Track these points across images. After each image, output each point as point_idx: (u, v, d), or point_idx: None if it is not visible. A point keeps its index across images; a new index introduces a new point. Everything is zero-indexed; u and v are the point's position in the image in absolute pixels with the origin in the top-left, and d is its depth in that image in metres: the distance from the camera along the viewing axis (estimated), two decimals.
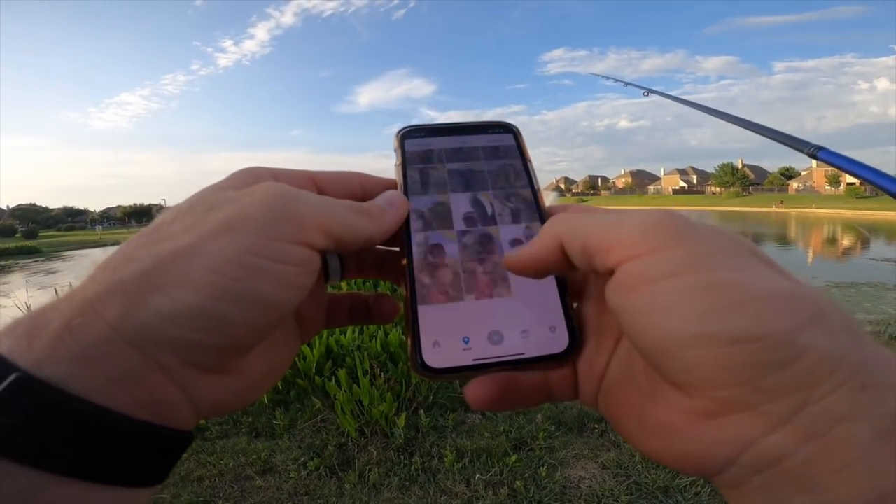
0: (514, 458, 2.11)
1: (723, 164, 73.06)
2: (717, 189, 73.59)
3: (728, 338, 0.16)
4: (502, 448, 2.20)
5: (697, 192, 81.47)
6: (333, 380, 2.49)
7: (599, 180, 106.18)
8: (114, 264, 0.19)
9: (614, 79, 1.87)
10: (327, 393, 2.48)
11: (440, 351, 0.24)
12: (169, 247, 0.19)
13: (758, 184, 71.27)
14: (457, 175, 0.28)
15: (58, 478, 0.16)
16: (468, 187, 0.28)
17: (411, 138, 0.29)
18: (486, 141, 0.30)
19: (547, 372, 0.25)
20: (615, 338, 0.24)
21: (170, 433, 0.19)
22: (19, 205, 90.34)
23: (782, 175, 68.58)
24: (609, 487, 1.94)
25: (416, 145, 0.29)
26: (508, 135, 0.30)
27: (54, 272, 14.59)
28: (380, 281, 0.32)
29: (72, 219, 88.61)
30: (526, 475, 2.03)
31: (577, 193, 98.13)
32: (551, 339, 0.24)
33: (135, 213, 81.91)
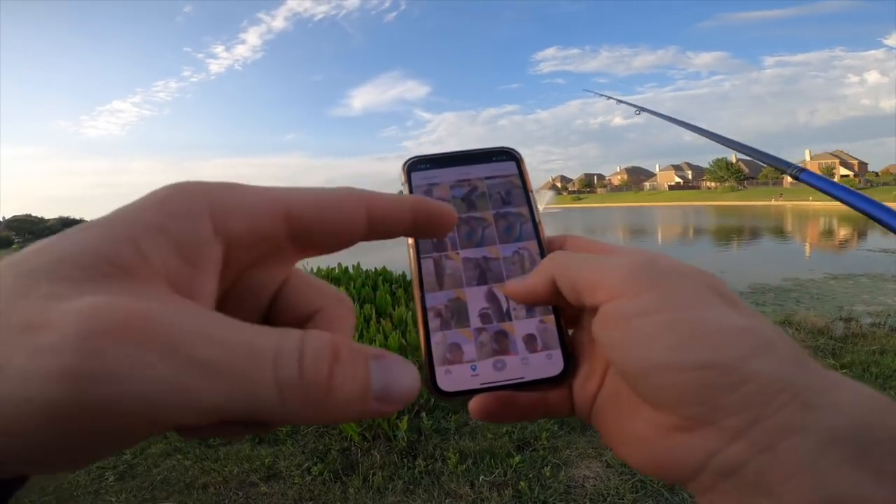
0: (518, 459, 2.11)
1: (717, 160, 73.27)
2: (712, 184, 73.83)
3: (688, 366, 0.19)
4: (506, 449, 2.20)
5: (693, 188, 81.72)
6: None
7: (595, 178, 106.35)
8: None
9: (608, 96, 1.92)
10: None
11: (451, 378, 0.27)
12: None
13: (752, 178, 71.45)
14: (464, 208, 0.30)
15: None
16: (475, 220, 0.30)
17: (417, 170, 0.30)
18: (490, 171, 0.31)
19: (545, 392, 0.28)
20: (605, 365, 0.26)
21: None
22: (15, 216, 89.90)
23: (777, 170, 68.59)
24: (614, 486, 1.95)
25: (423, 178, 0.30)
26: (511, 162, 0.32)
27: None
28: None
29: (68, 229, 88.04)
30: (530, 475, 2.03)
31: (573, 192, 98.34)
32: (548, 365, 0.27)
33: None
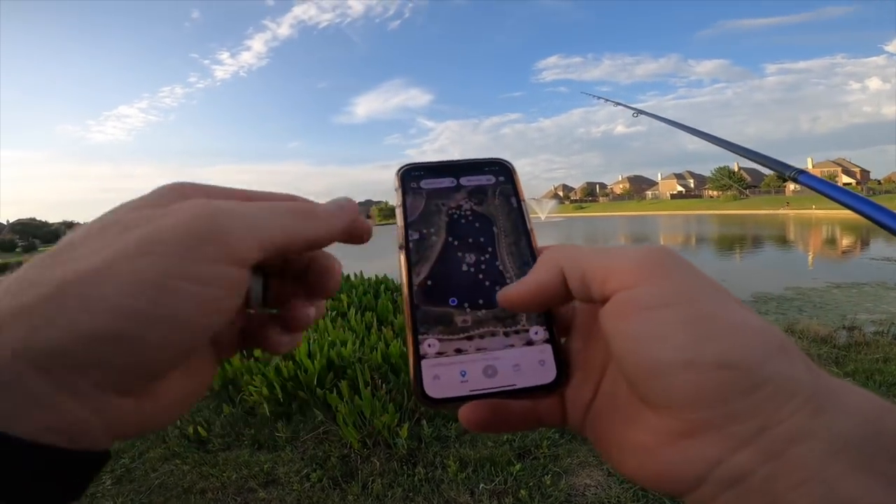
0: (519, 467, 2.10)
1: (719, 168, 73.29)
2: (715, 193, 73.80)
3: (711, 364, 0.18)
4: (506, 457, 2.19)
5: (695, 196, 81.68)
6: (335, 391, 2.48)
7: (597, 187, 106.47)
8: (12, 290, 0.18)
9: (605, 98, 1.97)
10: (329, 405, 2.47)
11: (440, 383, 0.26)
12: (76, 268, 0.18)
13: (755, 186, 71.45)
14: (455, 215, 0.30)
15: None
16: (466, 228, 0.30)
17: (410, 178, 0.31)
18: (483, 180, 0.32)
19: (536, 401, 0.27)
20: (601, 370, 0.25)
21: (83, 456, 0.19)
22: (19, 219, 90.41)
23: (779, 177, 68.57)
24: (615, 494, 1.93)
25: (416, 184, 0.31)
26: (504, 172, 0.32)
27: None
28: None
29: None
30: (531, 484, 2.02)
31: (576, 200, 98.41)
32: (540, 372, 0.27)
33: None
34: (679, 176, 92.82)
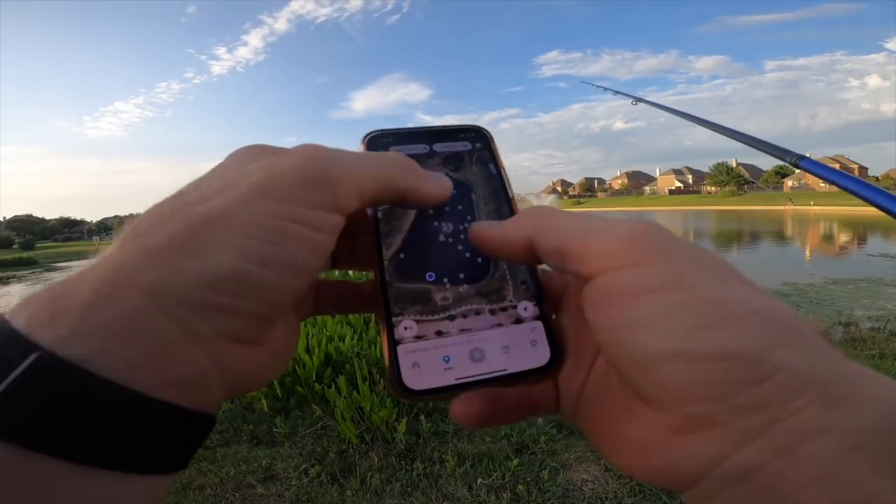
0: (516, 462, 2.11)
1: (718, 164, 73.42)
2: (713, 188, 73.87)
3: (708, 354, 0.16)
4: (504, 452, 2.20)
5: (693, 192, 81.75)
6: (333, 387, 2.48)
7: (596, 182, 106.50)
8: (142, 231, 0.18)
9: (604, 87, 1.92)
10: (327, 400, 2.47)
11: (420, 372, 0.23)
12: (201, 210, 0.19)
13: (753, 182, 71.53)
14: None
15: (76, 466, 0.15)
16: (443, 208, 0.27)
17: (378, 144, 0.28)
18: (459, 147, 0.28)
19: (530, 386, 0.24)
20: (593, 353, 0.23)
21: (195, 416, 0.18)
22: (15, 216, 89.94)
23: (777, 173, 68.85)
24: (612, 490, 1.94)
25: (384, 151, 0.27)
26: (480, 139, 0.29)
27: None
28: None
29: (68, 229, 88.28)
30: (528, 479, 2.02)
31: (574, 196, 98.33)
32: (533, 354, 0.24)
33: None
34: (677, 172, 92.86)
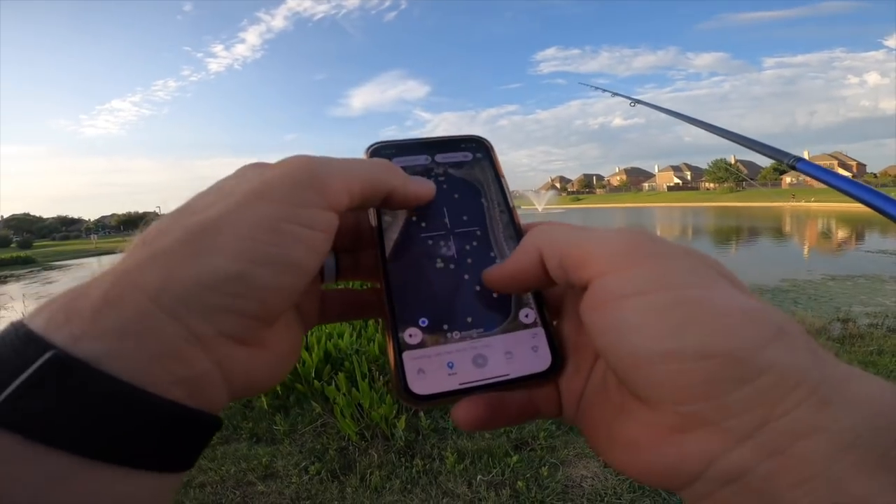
0: (516, 459, 2.11)
1: (716, 160, 73.38)
2: (711, 185, 73.93)
3: (693, 353, 0.16)
4: (503, 448, 2.20)
5: (692, 189, 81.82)
6: (333, 384, 2.48)
7: (594, 179, 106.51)
8: (148, 239, 0.20)
9: (602, 88, 1.92)
10: (327, 397, 2.47)
11: (425, 378, 0.24)
12: (200, 218, 0.20)
13: (751, 179, 71.59)
14: (432, 203, 0.28)
15: (88, 461, 0.16)
16: (444, 207, 0.28)
17: (381, 156, 0.28)
18: (461, 157, 0.29)
19: (532, 390, 0.25)
20: (592, 357, 0.24)
21: (202, 416, 0.19)
22: (13, 215, 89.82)
23: (775, 170, 68.93)
24: (611, 486, 1.95)
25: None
26: (481, 150, 0.30)
27: (51, 282, 14.50)
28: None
29: (66, 228, 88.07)
30: (528, 475, 2.03)
31: (573, 192, 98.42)
32: (535, 359, 0.25)
33: (130, 222, 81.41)
34: (676, 168, 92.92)
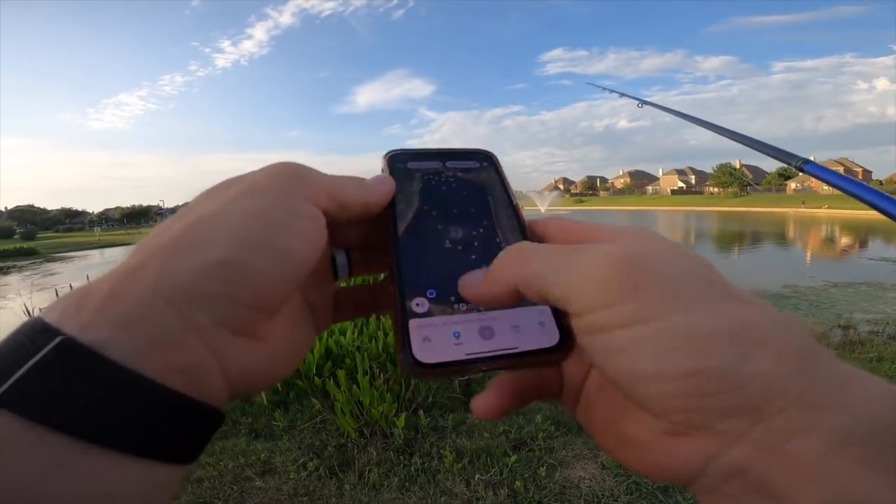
0: (514, 459, 2.11)
1: (721, 165, 73.10)
2: (715, 189, 73.69)
3: (680, 373, 0.18)
4: (502, 448, 2.21)
5: (696, 193, 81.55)
6: (333, 381, 2.49)
7: (598, 181, 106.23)
8: (153, 237, 0.21)
9: (610, 89, 1.90)
10: (327, 394, 2.48)
11: (431, 346, 0.23)
12: (195, 215, 0.21)
13: (756, 184, 71.38)
14: (442, 195, 0.30)
15: (91, 446, 0.16)
16: (453, 198, 0.30)
17: (398, 161, 0.31)
18: (470, 164, 0.32)
19: (540, 367, 0.25)
20: None
21: (201, 407, 0.19)
22: (17, 206, 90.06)
23: (780, 175, 68.66)
24: (609, 487, 1.95)
25: (404, 167, 0.30)
26: (488, 160, 0.32)
27: (53, 273, 14.56)
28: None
29: (70, 220, 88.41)
30: (526, 475, 2.03)
31: (576, 194, 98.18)
32: (542, 334, 0.24)
33: (133, 215, 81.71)
34: (680, 172, 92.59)
